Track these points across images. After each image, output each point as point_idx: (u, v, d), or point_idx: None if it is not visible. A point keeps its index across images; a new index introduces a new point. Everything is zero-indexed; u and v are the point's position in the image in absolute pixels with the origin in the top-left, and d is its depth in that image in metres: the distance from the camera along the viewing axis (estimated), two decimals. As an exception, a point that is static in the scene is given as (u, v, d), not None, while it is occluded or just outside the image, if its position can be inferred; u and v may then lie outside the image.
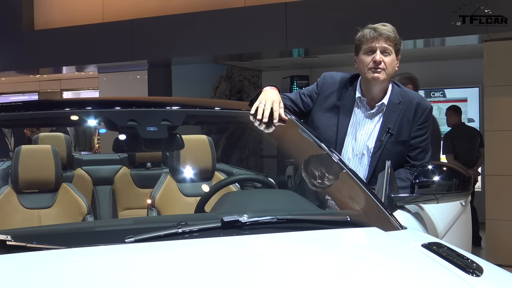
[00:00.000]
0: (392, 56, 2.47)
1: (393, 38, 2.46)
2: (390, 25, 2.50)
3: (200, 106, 2.69)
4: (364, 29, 2.51)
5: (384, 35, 2.45)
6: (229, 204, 2.09)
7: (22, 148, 2.77)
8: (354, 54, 2.57)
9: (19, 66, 8.66)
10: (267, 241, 1.72)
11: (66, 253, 1.56)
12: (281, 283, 1.40)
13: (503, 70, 5.86)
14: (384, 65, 2.45)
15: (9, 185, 2.76)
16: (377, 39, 2.45)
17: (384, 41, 2.45)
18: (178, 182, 3.05)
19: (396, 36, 2.48)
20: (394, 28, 2.50)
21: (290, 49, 6.75)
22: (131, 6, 7.59)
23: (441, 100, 8.59)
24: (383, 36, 2.44)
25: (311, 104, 2.63)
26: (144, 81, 7.86)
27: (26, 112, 2.42)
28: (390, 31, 2.46)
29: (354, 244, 1.81)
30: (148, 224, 1.89)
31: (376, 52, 2.45)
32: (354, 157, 2.53)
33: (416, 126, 2.53)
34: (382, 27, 2.47)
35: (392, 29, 2.48)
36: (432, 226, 2.41)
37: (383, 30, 2.46)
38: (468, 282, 1.46)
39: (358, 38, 2.52)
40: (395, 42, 2.47)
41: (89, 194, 3.91)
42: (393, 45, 2.47)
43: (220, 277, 1.42)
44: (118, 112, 2.40)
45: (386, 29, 2.46)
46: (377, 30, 2.46)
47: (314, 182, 2.37)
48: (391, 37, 2.46)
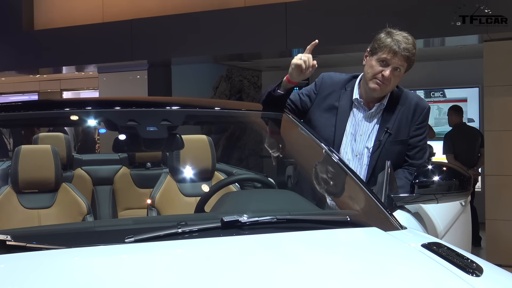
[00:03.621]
0: (401, 72, 2.46)
1: (411, 60, 2.42)
2: (412, 39, 2.43)
3: (200, 106, 2.69)
4: (387, 35, 2.43)
5: (405, 55, 2.40)
6: (229, 204, 2.09)
7: (22, 148, 2.77)
8: (368, 51, 2.51)
9: (19, 66, 8.66)
10: (267, 241, 1.72)
11: (66, 253, 1.56)
12: (281, 283, 1.40)
13: (503, 70, 5.86)
14: (390, 81, 2.45)
15: (9, 185, 2.76)
16: (396, 56, 2.40)
17: (401, 60, 2.41)
18: (178, 182, 3.05)
19: (414, 56, 2.43)
20: (415, 42, 2.44)
21: (290, 49, 6.75)
22: (131, 6, 7.59)
23: (441, 100, 8.59)
24: (403, 56, 2.40)
25: (309, 104, 2.63)
26: (144, 81, 7.86)
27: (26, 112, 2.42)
28: (411, 52, 2.40)
29: (354, 244, 1.81)
30: (148, 224, 1.89)
31: (388, 67, 2.42)
32: (354, 157, 2.54)
33: (414, 125, 2.54)
34: (405, 44, 2.39)
35: (413, 46, 2.42)
36: (432, 226, 2.41)
37: (405, 48, 2.39)
38: (468, 282, 1.46)
39: (379, 43, 2.44)
40: (410, 63, 2.45)
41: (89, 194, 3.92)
42: (407, 65, 2.45)
43: (220, 277, 1.42)
44: (118, 112, 2.40)
45: (409, 48, 2.40)
46: (400, 46, 2.39)
47: (314, 182, 2.37)
48: (410, 59, 2.42)
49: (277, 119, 2.51)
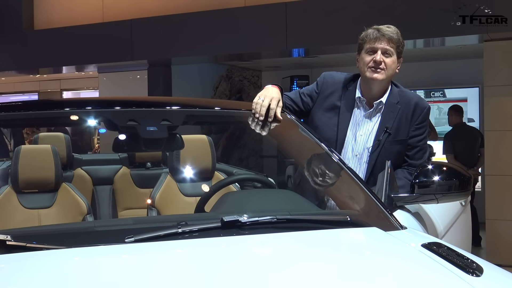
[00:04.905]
0: (393, 58, 2.48)
1: (395, 40, 2.47)
2: (394, 27, 2.51)
3: (200, 106, 2.69)
4: (368, 29, 2.52)
5: (387, 36, 2.46)
6: (229, 204, 2.09)
7: (22, 148, 2.77)
8: (357, 53, 2.58)
9: (19, 66, 8.66)
10: (267, 241, 1.72)
11: (66, 253, 1.56)
12: (281, 283, 1.40)
13: (503, 70, 5.86)
14: (384, 66, 2.46)
15: (9, 185, 2.76)
16: (379, 40, 2.46)
17: (386, 43, 2.46)
18: (178, 182, 3.05)
19: (399, 39, 2.49)
20: (398, 30, 2.51)
21: (290, 49, 6.75)
22: (131, 6, 7.59)
23: (441, 100, 8.59)
24: (385, 37, 2.46)
25: (311, 104, 2.63)
26: (144, 81, 7.86)
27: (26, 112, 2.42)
28: (393, 33, 2.47)
29: (354, 244, 1.81)
30: (148, 224, 1.89)
31: (377, 52, 2.46)
32: (353, 157, 2.54)
33: (414, 125, 2.54)
34: (386, 29, 2.48)
35: (396, 31, 2.49)
36: (432, 226, 2.41)
37: (386, 31, 2.47)
38: (468, 282, 1.46)
39: (362, 37, 2.53)
40: (398, 45, 2.48)
41: (89, 194, 3.92)
42: (395, 47, 2.48)
43: (220, 277, 1.42)
44: (118, 112, 2.39)
45: (390, 30, 2.48)
46: (380, 31, 2.47)
47: (314, 182, 2.37)
48: (394, 39, 2.47)
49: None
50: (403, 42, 2.52)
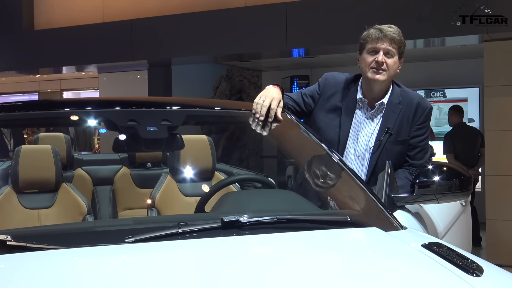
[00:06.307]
0: (395, 58, 2.47)
1: (397, 41, 2.46)
2: (396, 27, 2.50)
3: (200, 106, 2.69)
4: (370, 29, 2.51)
5: (389, 36, 2.45)
6: (229, 204, 2.09)
7: (22, 148, 2.76)
8: (358, 53, 2.57)
9: (19, 66, 8.66)
10: (267, 241, 1.72)
11: (66, 253, 1.56)
12: (281, 283, 1.40)
13: (503, 70, 5.86)
14: (386, 67, 2.46)
15: (9, 185, 2.76)
16: (381, 40, 2.45)
17: (388, 43, 2.45)
18: (178, 182, 3.05)
19: (401, 39, 2.48)
20: (400, 30, 2.50)
21: (290, 49, 6.75)
22: (131, 6, 7.59)
23: (441, 100, 8.59)
24: (388, 37, 2.45)
25: (313, 105, 2.63)
26: (144, 81, 7.86)
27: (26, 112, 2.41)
28: (395, 33, 2.46)
29: (354, 244, 1.81)
30: (148, 224, 1.89)
31: (379, 53, 2.45)
32: (356, 158, 2.54)
33: (416, 125, 2.54)
34: (388, 29, 2.47)
35: (398, 31, 2.48)
36: (432, 226, 2.41)
37: (388, 31, 2.46)
38: (468, 282, 1.46)
39: (363, 37, 2.52)
40: (400, 45, 2.48)
41: (89, 194, 3.91)
42: (397, 48, 2.47)
43: (220, 277, 1.42)
44: (118, 112, 2.39)
45: (392, 31, 2.47)
46: (382, 31, 2.46)
47: (314, 182, 2.37)
48: (396, 40, 2.46)
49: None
50: (404, 42, 2.52)
